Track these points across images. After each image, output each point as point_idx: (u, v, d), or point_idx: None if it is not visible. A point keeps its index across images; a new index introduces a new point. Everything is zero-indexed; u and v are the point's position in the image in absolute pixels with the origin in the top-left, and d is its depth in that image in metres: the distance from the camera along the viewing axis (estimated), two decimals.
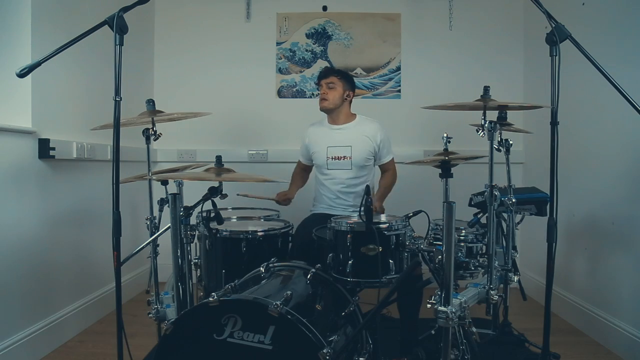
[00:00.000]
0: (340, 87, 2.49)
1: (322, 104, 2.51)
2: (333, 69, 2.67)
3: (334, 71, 2.57)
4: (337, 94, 2.49)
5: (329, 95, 2.48)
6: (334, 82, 2.48)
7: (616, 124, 2.37)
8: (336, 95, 2.48)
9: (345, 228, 1.74)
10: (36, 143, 2.20)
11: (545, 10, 1.46)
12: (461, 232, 1.95)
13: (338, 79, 2.50)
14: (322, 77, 2.54)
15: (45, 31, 2.22)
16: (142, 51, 3.45)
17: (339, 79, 2.50)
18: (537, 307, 2.86)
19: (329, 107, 2.49)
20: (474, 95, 1.75)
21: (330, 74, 2.53)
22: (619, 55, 2.27)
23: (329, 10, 3.58)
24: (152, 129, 1.96)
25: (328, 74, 2.53)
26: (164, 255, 1.96)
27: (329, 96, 2.48)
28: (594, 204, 2.56)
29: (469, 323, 1.53)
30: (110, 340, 2.36)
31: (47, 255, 2.29)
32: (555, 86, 1.43)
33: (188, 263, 1.73)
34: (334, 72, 2.54)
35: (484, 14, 3.54)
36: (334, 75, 2.51)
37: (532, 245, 3.23)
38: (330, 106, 2.49)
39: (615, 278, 2.36)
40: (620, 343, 2.27)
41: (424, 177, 3.21)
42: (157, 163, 3.46)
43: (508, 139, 1.98)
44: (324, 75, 2.54)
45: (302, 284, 1.69)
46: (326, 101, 2.49)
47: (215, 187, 1.69)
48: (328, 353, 1.30)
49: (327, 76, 2.52)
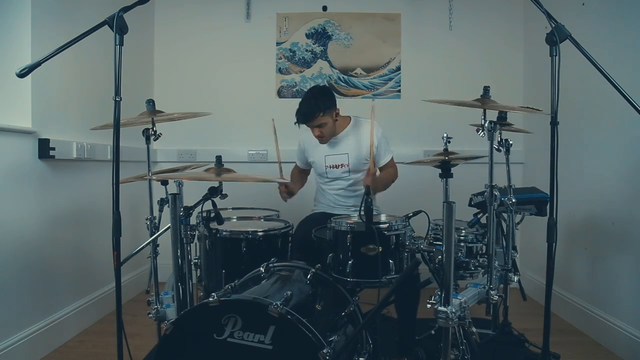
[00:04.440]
0: (329, 117, 2.31)
1: (322, 141, 2.40)
2: (314, 107, 2.25)
3: (317, 109, 2.25)
4: (329, 127, 2.33)
5: (324, 133, 2.33)
6: (322, 120, 2.28)
7: (616, 124, 2.37)
8: (330, 128, 2.34)
9: (345, 228, 1.74)
10: (36, 143, 2.20)
11: (545, 10, 1.46)
12: (461, 232, 1.95)
13: (323, 115, 2.26)
14: (308, 121, 2.28)
15: (45, 31, 2.22)
16: (142, 51, 3.45)
17: (324, 114, 2.27)
18: (537, 307, 2.86)
19: (329, 139, 2.41)
20: (474, 95, 1.75)
21: (315, 114, 2.25)
22: (619, 55, 2.27)
23: (329, 10, 3.58)
24: (152, 129, 1.96)
25: (314, 116, 2.25)
26: (164, 255, 1.96)
27: (325, 133, 2.34)
28: (594, 204, 2.55)
29: (469, 323, 1.53)
30: (110, 340, 2.36)
31: (47, 255, 2.29)
32: (555, 86, 1.43)
33: (188, 263, 1.73)
34: (317, 110, 2.24)
35: (484, 14, 3.55)
36: (319, 114, 2.25)
37: (532, 245, 3.23)
38: (329, 139, 2.40)
39: (615, 278, 2.36)
40: (620, 343, 2.27)
41: (424, 177, 3.21)
42: (157, 163, 3.46)
43: (508, 139, 1.98)
44: (309, 119, 2.26)
45: (302, 284, 1.69)
46: (324, 138, 2.37)
47: (215, 187, 1.70)
48: (328, 353, 1.31)
49: (314, 118, 2.26)
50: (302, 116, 2.28)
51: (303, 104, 2.31)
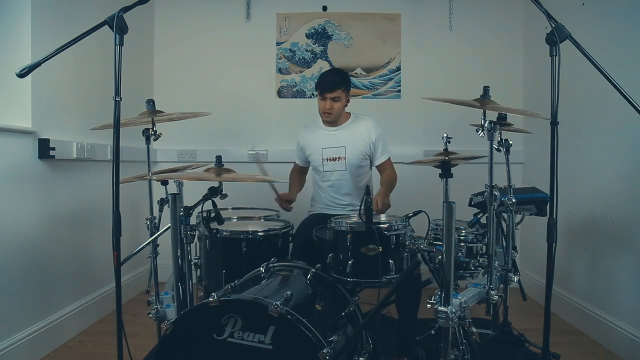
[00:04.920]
0: (344, 97, 2.41)
1: (327, 117, 2.43)
2: (337, 79, 2.38)
3: (339, 82, 2.37)
4: (341, 105, 2.41)
5: (334, 109, 2.39)
6: (339, 94, 2.37)
7: (616, 124, 2.37)
8: (340, 107, 2.42)
9: (345, 228, 1.74)
10: (36, 143, 2.20)
11: (545, 10, 1.46)
12: (461, 232, 1.95)
13: (342, 90, 2.38)
14: (327, 90, 2.35)
15: (45, 31, 2.22)
16: (142, 51, 3.45)
17: (343, 90, 2.38)
18: (537, 307, 2.86)
19: (334, 120, 2.45)
20: (474, 95, 1.75)
21: (337, 86, 2.35)
22: (619, 55, 2.27)
23: (329, 10, 3.58)
24: (152, 129, 1.96)
25: (334, 87, 2.35)
26: (164, 255, 1.96)
27: (334, 110, 2.39)
28: (594, 204, 2.55)
29: (469, 323, 1.53)
30: (110, 340, 2.36)
31: (48, 255, 2.29)
32: (555, 86, 1.43)
33: (188, 263, 1.72)
34: (340, 84, 2.36)
35: (484, 14, 3.55)
36: (339, 88, 2.36)
37: (532, 245, 3.23)
38: (335, 119, 2.44)
39: (615, 278, 2.36)
40: (620, 343, 2.27)
41: (424, 177, 3.21)
42: (157, 163, 3.46)
43: (508, 139, 1.98)
44: (330, 88, 2.35)
45: (302, 284, 1.69)
46: (331, 115, 2.41)
47: (215, 187, 1.69)
48: (328, 353, 1.31)
49: (333, 90, 2.35)
50: (327, 85, 2.37)
51: (327, 74, 2.45)
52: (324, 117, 2.46)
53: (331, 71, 2.55)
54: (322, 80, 2.40)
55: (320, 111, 2.45)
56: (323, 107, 2.41)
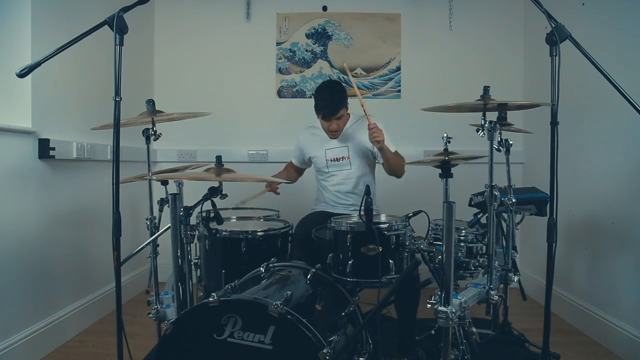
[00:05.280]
0: (346, 111, 2.38)
1: (334, 136, 2.43)
2: (337, 101, 2.30)
3: (340, 102, 2.30)
4: (345, 120, 2.41)
5: (339, 127, 2.39)
6: (342, 113, 2.34)
7: (616, 124, 2.37)
8: (345, 121, 2.42)
9: (345, 228, 1.74)
10: (36, 143, 2.20)
11: (545, 10, 1.46)
12: (461, 232, 1.95)
13: (344, 107, 2.34)
14: (331, 114, 2.31)
15: (45, 31, 2.22)
16: (142, 51, 3.45)
17: (344, 106, 2.34)
18: (537, 307, 2.86)
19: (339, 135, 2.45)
20: (474, 95, 1.75)
21: (339, 108, 2.30)
22: (619, 55, 2.27)
23: (329, 10, 3.58)
24: (152, 129, 1.96)
25: (337, 110, 2.30)
26: (164, 255, 1.96)
27: (340, 127, 2.39)
28: (594, 204, 2.55)
29: (469, 323, 1.53)
30: (110, 340, 2.36)
31: (47, 255, 2.29)
32: (555, 86, 1.43)
33: (188, 263, 1.72)
34: (340, 104, 2.30)
35: (484, 14, 3.55)
36: (342, 107, 2.32)
37: (532, 245, 3.23)
38: (340, 134, 2.44)
39: (615, 278, 2.36)
40: (620, 343, 2.27)
41: (424, 177, 3.19)
42: (157, 163, 3.46)
43: (508, 139, 1.98)
44: (333, 113, 2.30)
45: (302, 284, 1.69)
46: (337, 132, 2.41)
47: (215, 187, 1.70)
48: (328, 353, 1.30)
49: (337, 111, 2.30)
50: (329, 111, 2.30)
51: (326, 97, 2.32)
52: (330, 135, 2.44)
53: (328, 92, 2.33)
54: (323, 105, 2.32)
55: (325, 130, 2.43)
56: (328, 127, 2.38)
